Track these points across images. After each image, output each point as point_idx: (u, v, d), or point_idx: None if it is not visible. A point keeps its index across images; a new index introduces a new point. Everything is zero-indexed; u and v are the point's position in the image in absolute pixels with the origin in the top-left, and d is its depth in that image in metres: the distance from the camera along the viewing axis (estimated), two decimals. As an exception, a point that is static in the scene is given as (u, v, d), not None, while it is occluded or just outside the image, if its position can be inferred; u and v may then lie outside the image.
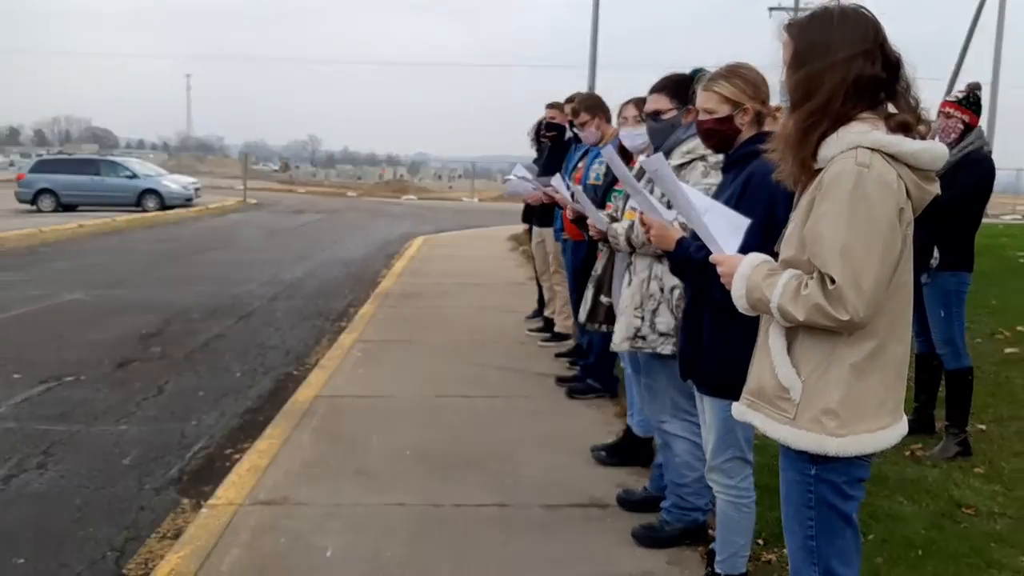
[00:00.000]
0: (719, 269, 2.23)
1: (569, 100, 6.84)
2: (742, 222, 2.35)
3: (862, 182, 1.96)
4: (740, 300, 2.15)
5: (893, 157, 1.99)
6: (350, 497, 4.14)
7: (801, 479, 2.14)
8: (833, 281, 1.95)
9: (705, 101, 2.94)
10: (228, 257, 14.85)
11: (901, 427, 2.15)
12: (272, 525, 3.82)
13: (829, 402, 2.06)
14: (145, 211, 26.08)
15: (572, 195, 4.58)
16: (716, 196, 2.97)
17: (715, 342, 2.86)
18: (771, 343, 2.14)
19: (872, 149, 1.99)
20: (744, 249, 2.25)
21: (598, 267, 4.31)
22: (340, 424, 5.25)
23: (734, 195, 2.78)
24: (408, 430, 5.15)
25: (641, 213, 3.07)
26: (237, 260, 14.32)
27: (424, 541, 3.70)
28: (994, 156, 5.01)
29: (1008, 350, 7.23)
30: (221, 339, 8.05)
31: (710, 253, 2.34)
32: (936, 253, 4.78)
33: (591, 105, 6.02)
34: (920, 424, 5.22)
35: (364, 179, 61.57)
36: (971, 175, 4.73)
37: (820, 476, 2.11)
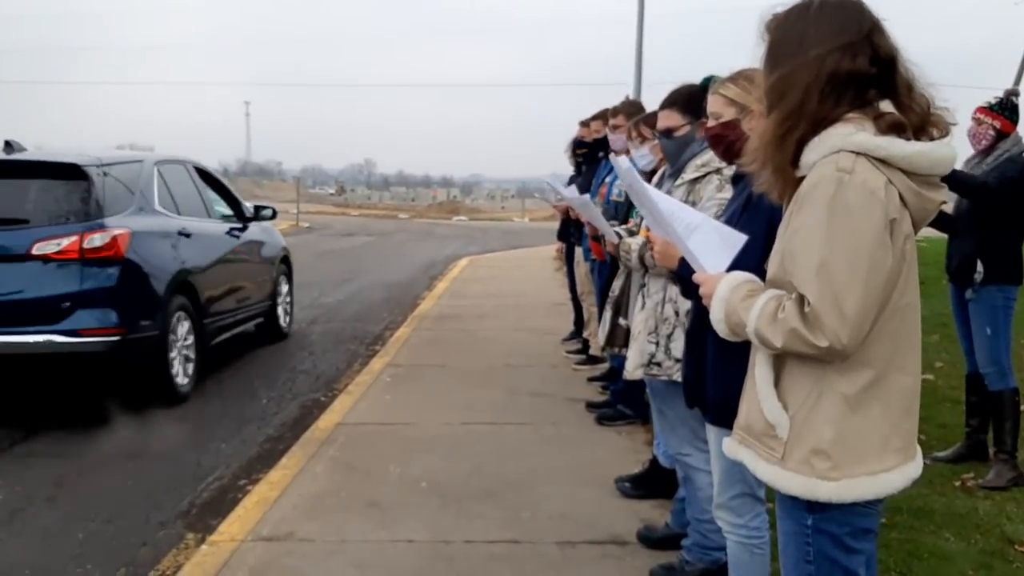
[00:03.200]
0: (701, 290, 2.00)
1: (614, 112, 6.63)
2: (737, 239, 2.12)
3: (842, 190, 1.72)
4: (719, 324, 1.92)
5: (883, 162, 1.75)
6: (357, 532, 3.96)
7: (798, 529, 1.89)
8: (810, 303, 1.72)
9: (712, 105, 2.72)
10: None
11: (912, 468, 1.89)
12: (271, 563, 3.65)
13: (820, 441, 1.81)
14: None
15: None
16: (725, 210, 2.75)
17: (719, 367, 2.62)
18: (756, 372, 1.91)
19: (857, 153, 1.75)
20: (741, 269, 2.02)
21: (616, 287, 4.09)
22: (358, 453, 5.08)
23: (738, 209, 2.55)
24: (428, 460, 4.96)
25: (648, 228, 2.86)
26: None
27: (428, 581, 3.50)
28: None
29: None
30: (252, 364, 7.96)
31: None
32: (980, 267, 4.48)
33: (630, 111, 5.78)
34: (972, 451, 4.90)
35: (417, 201, 61.99)
36: (1007, 168, 4.43)
37: (818, 526, 1.86)
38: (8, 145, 6.31)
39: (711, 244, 2.11)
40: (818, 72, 1.80)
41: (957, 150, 1.88)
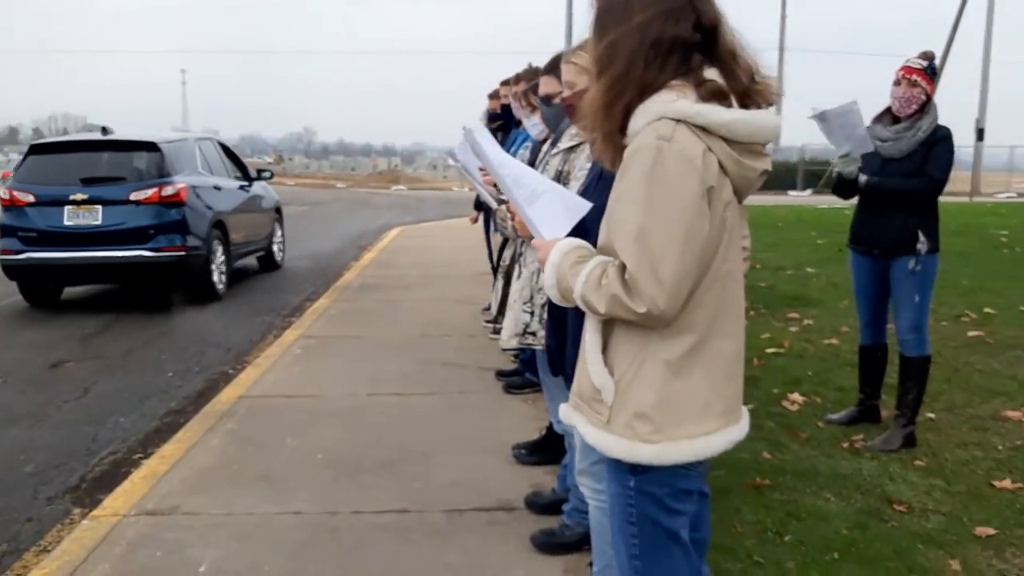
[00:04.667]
0: (537, 256, 1.99)
1: (516, 80, 6.55)
2: (580, 207, 2.10)
3: (661, 158, 1.72)
4: (551, 290, 1.92)
5: (704, 129, 1.75)
6: (244, 506, 3.91)
7: (621, 491, 1.91)
8: (628, 270, 1.73)
9: (566, 74, 2.70)
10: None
11: (734, 432, 1.92)
12: (152, 537, 3.59)
13: (642, 405, 1.83)
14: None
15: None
16: (585, 179, 2.74)
17: (577, 336, 2.62)
18: (586, 338, 1.92)
19: (677, 120, 1.75)
20: (592, 237, 2.02)
21: (506, 256, 4.07)
22: (257, 426, 5.02)
23: (594, 178, 2.54)
24: (328, 432, 4.92)
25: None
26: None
27: (309, 552, 3.47)
28: (987, 134, 4.73)
29: (971, 333, 6.98)
30: (163, 337, 7.81)
31: None
32: (923, 237, 4.40)
33: (532, 79, 5.72)
34: (864, 414, 5.00)
35: (357, 170, 61.25)
36: (950, 148, 4.45)
37: (640, 488, 1.88)
38: (104, 130, 9.58)
39: (554, 211, 2.09)
40: (642, 38, 1.80)
41: (780, 118, 1.88)
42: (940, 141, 4.40)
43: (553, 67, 3.46)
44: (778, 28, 39.67)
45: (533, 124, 4.24)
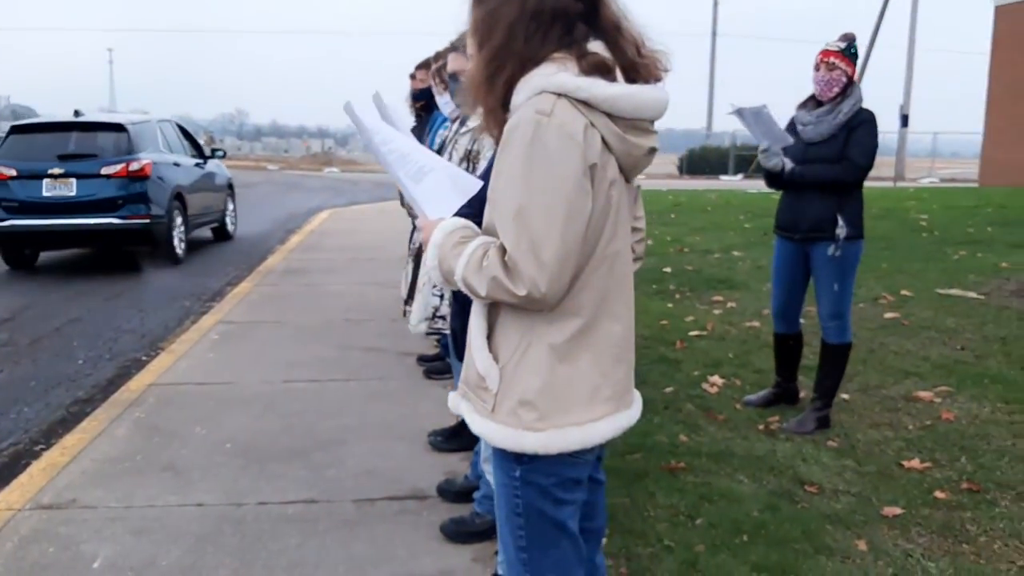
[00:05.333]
0: (421, 236, 1.91)
1: (436, 58, 6.43)
2: (470, 186, 2.02)
3: (540, 133, 1.65)
4: (434, 272, 1.84)
5: (586, 104, 1.69)
6: (145, 498, 3.77)
7: (508, 482, 1.84)
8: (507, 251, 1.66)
9: (469, 49, 2.61)
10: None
11: (624, 417, 1.86)
12: (46, 532, 3.44)
13: (526, 391, 1.76)
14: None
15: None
16: (491, 158, 2.67)
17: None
18: (472, 323, 1.85)
19: (558, 94, 1.68)
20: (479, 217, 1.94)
21: (416, 239, 3.99)
22: (166, 415, 4.86)
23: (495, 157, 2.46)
24: (239, 420, 4.79)
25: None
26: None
27: (210, 545, 3.35)
28: (911, 120, 4.72)
29: (888, 315, 7.10)
30: (76, 323, 7.55)
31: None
32: (842, 223, 4.37)
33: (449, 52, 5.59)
34: (781, 396, 5.03)
35: (291, 152, 60.25)
36: (872, 132, 4.39)
37: (526, 478, 1.81)
38: (76, 112, 10.99)
39: (442, 189, 2.01)
40: (522, 8, 1.72)
41: (667, 94, 1.82)
42: (862, 124, 4.35)
43: (461, 43, 3.37)
44: (711, 13, 39.99)
45: (445, 103, 4.14)
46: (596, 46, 1.76)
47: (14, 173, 9.87)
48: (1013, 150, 20.72)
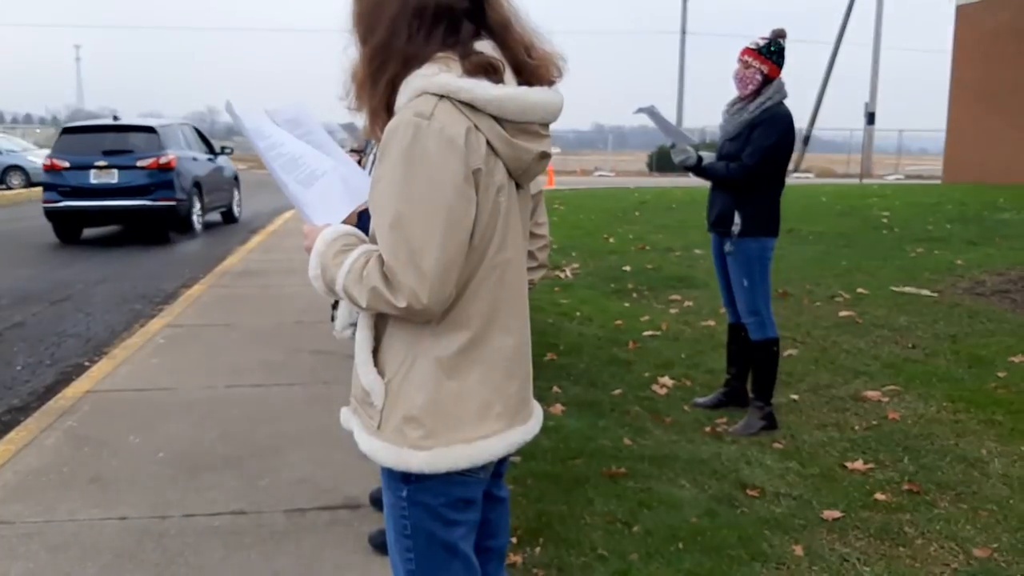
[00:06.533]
0: (305, 243, 1.81)
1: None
2: (364, 190, 1.93)
3: (420, 137, 1.56)
4: (316, 281, 1.74)
5: (470, 106, 1.60)
6: (66, 511, 3.65)
7: (395, 502, 1.75)
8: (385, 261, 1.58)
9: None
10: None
11: (518, 433, 1.78)
12: (-45, 551, 3.31)
13: (411, 408, 1.67)
14: (9, 188, 24.70)
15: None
16: None
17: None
18: (357, 335, 1.76)
19: (440, 96, 1.59)
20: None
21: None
22: (99, 424, 4.72)
23: None
24: (175, 428, 4.66)
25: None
26: (80, 239, 13.44)
27: (128, 562, 3.23)
28: (877, 117, 4.77)
29: (842, 313, 7.08)
30: (19, 328, 7.37)
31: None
32: (738, 219, 4.47)
33: None
34: (731, 397, 4.98)
35: (260, 151, 59.51)
36: (769, 133, 4.41)
37: (413, 498, 1.72)
38: (115, 117, 14.10)
39: (332, 195, 1.91)
40: (404, 4, 1.64)
41: (561, 97, 1.74)
42: (761, 124, 4.40)
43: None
44: (679, 11, 40.09)
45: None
46: (484, 46, 1.67)
47: (67, 164, 12.64)
48: (974, 147, 20.89)
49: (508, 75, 1.68)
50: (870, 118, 29.23)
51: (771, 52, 4.44)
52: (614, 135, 61.06)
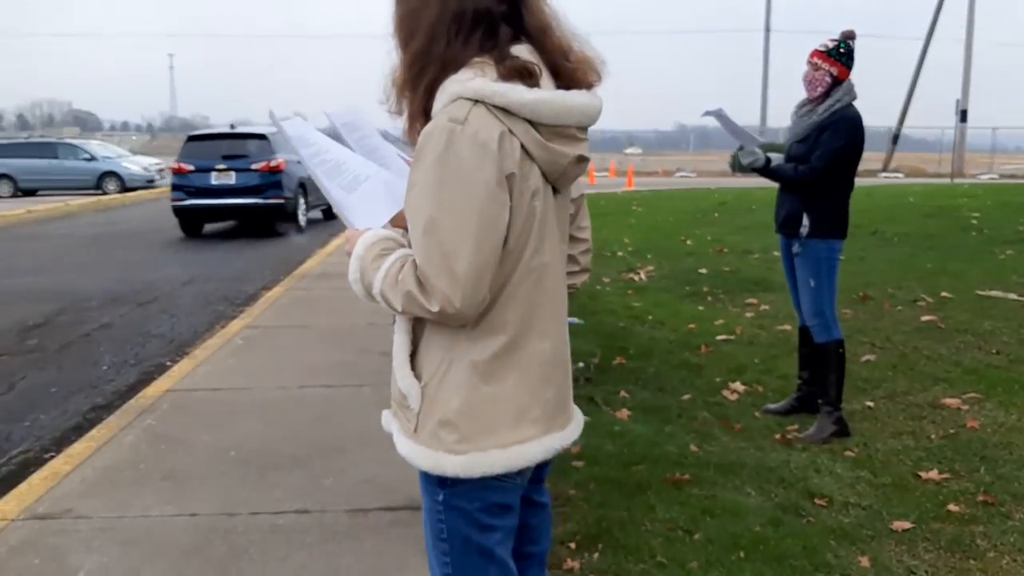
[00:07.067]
0: (345, 248, 1.84)
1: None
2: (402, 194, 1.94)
3: (453, 142, 1.56)
4: (355, 285, 1.77)
5: (505, 110, 1.60)
6: (139, 508, 3.77)
7: (432, 506, 1.77)
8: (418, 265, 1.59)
9: None
10: (163, 239, 14.44)
11: (556, 439, 1.76)
12: (34, 543, 3.44)
13: (447, 412, 1.68)
14: (105, 194, 25.69)
15: None
16: None
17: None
18: (395, 339, 1.77)
19: (475, 100, 1.59)
20: None
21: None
22: (176, 422, 4.87)
23: None
24: (247, 427, 4.78)
25: None
26: (169, 243, 13.94)
27: (196, 558, 3.33)
28: (970, 114, 4.68)
29: (925, 318, 6.85)
30: (107, 329, 7.65)
31: None
32: (806, 220, 4.41)
33: None
34: (803, 403, 4.87)
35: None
36: (838, 135, 4.34)
37: (449, 502, 1.73)
38: (232, 125, 16.17)
39: (375, 199, 1.94)
40: (443, 9, 1.65)
41: (599, 100, 1.73)
42: (831, 126, 4.35)
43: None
44: (763, 8, 39.37)
45: None
46: (521, 50, 1.67)
47: (192, 168, 14.44)
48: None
49: (546, 79, 1.68)
50: (962, 115, 28.29)
51: (840, 54, 4.40)
52: (696, 135, 60.38)
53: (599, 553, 3.32)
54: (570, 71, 1.70)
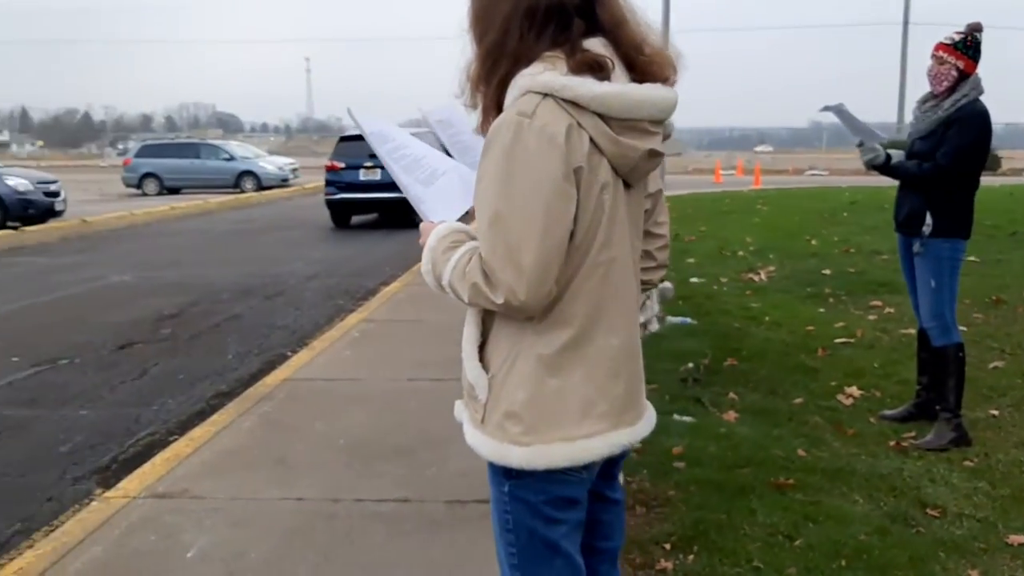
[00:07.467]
0: (419, 240, 1.87)
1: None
2: None
3: (521, 135, 1.57)
4: (427, 276, 1.79)
5: (574, 104, 1.60)
6: (251, 490, 3.93)
7: (498, 497, 1.78)
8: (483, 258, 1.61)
9: None
10: (292, 236, 15.02)
11: (623, 435, 1.74)
12: (152, 520, 3.64)
13: (512, 403, 1.69)
14: (242, 192, 26.87)
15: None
16: None
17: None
18: (464, 330, 1.79)
19: (544, 94, 1.60)
20: None
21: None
22: (291, 410, 5.06)
23: None
24: (356, 416, 4.92)
25: None
26: (298, 239, 14.47)
27: (298, 540, 3.45)
28: None
29: (1064, 323, 6.45)
30: (235, 320, 8.01)
31: None
32: (929, 219, 4.24)
33: None
34: (921, 409, 4.67)
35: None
36: (965, 131, 4.16)
37: (514, 494, 1.74)
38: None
39: (451, 193, 1.97)
40: (516, 5, 1.66)
41: (674, 93, 1.71)
42: (957, 122, 4.17)
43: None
44: (902, 2, 37.75)
45: None
46: (594, 43, 1.66)
47: (343, 165, 15.85)
48: None
49: (620, 73, 1.67)
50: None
51: (966, 47, 4.20)
52: (830, 132, 58.45)
53: (694, 555, 3.28)
54: (645, 65, 1.68)
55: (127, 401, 5.59)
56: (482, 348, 1.78)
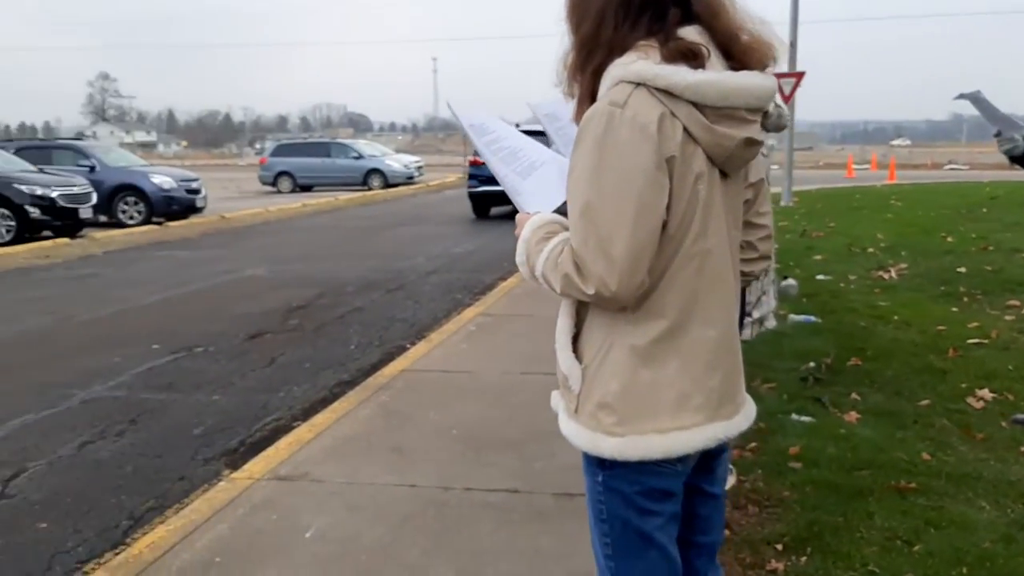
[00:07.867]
0: (516, 231, 1.89)
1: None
2: None
3: (612, 125, 1.57)
4: (522, 267, 1.81)
5: (668, 92, 1.59)
6: (368, 476, 4.06)
7: (592, 486, 1.79)
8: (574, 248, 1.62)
9: None
10: (415, 232, 15.34)
11: (719, 428, 1.72)
12: (274, 501, 3.81)
13: (606, 394, 1.70)
14: (370, 189, 27.62)
15: None
16: None
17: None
18: (558, 321, 1.81)
19: (636, 83, 1.60)
20: None
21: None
22: (407, 399, 5.19)
23: None
24: (469, 408, 5.01)
25: None
26: (421, 235, 14.77)
27: (411, 525, 3.55)
28: None
29: None
30: (358, 312, 8.25)
31: None
32: None
33: None
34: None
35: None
36: None
37: (608, 484, 1.75)
38: (516, 125, 18.70)
39: (548, 184, 1.99)
40: None
41: (771, 81, 1.68)
42: None
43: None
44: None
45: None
46: (688, 31, 1.65)
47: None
48: None
49: (716, 61, 1.65)
50: None
51: None
52: (971, 125, 55.64)
53: (807, 557, 3.20)
54: (742, 52, 1.66)
55: (256, 388, 5.84)
56: (576, 339, 1.79)
